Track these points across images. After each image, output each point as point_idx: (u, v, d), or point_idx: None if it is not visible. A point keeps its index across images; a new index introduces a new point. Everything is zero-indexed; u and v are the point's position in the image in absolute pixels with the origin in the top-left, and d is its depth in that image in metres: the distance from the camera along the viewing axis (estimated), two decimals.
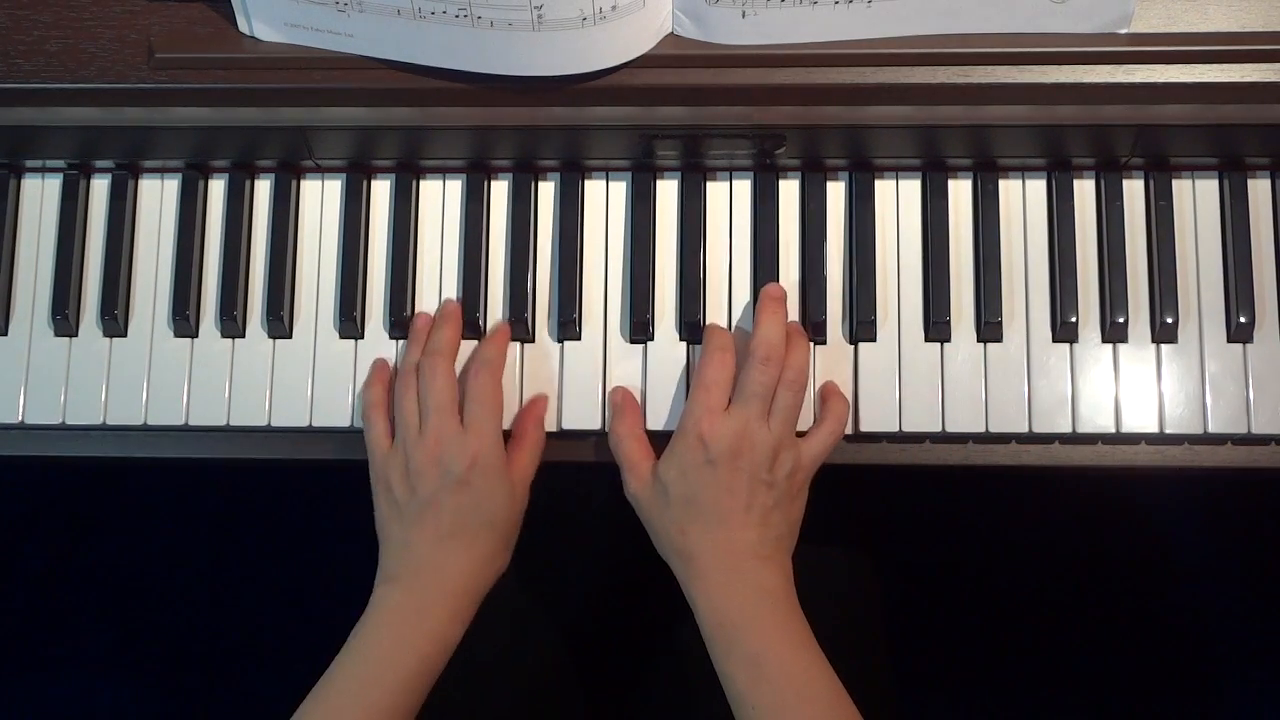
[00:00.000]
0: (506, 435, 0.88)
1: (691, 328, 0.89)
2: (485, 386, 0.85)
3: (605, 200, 0.92)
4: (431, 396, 0.85)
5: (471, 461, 0.83)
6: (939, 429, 0.88)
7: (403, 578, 0.84)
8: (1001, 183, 0.90)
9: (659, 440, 0.87)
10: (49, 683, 1.53)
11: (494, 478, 0.84)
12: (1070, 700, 1.49)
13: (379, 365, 0.90)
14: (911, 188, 0.91)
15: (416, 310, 0.91)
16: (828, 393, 0.88)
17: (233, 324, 0.91)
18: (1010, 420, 0.88)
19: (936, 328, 0.88)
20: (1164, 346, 0.88)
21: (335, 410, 0.90)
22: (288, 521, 1.54)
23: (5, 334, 0.92)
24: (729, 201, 0.91)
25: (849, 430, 0.88)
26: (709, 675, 0.81)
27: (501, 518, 0.85)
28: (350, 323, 0.91)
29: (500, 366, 0.88)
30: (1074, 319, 0.88)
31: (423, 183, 0.93)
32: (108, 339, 0.92)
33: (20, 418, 0.91)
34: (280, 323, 0.91)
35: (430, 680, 0.83)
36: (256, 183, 0.93)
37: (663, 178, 0.91)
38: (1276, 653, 1.50)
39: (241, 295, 0.91)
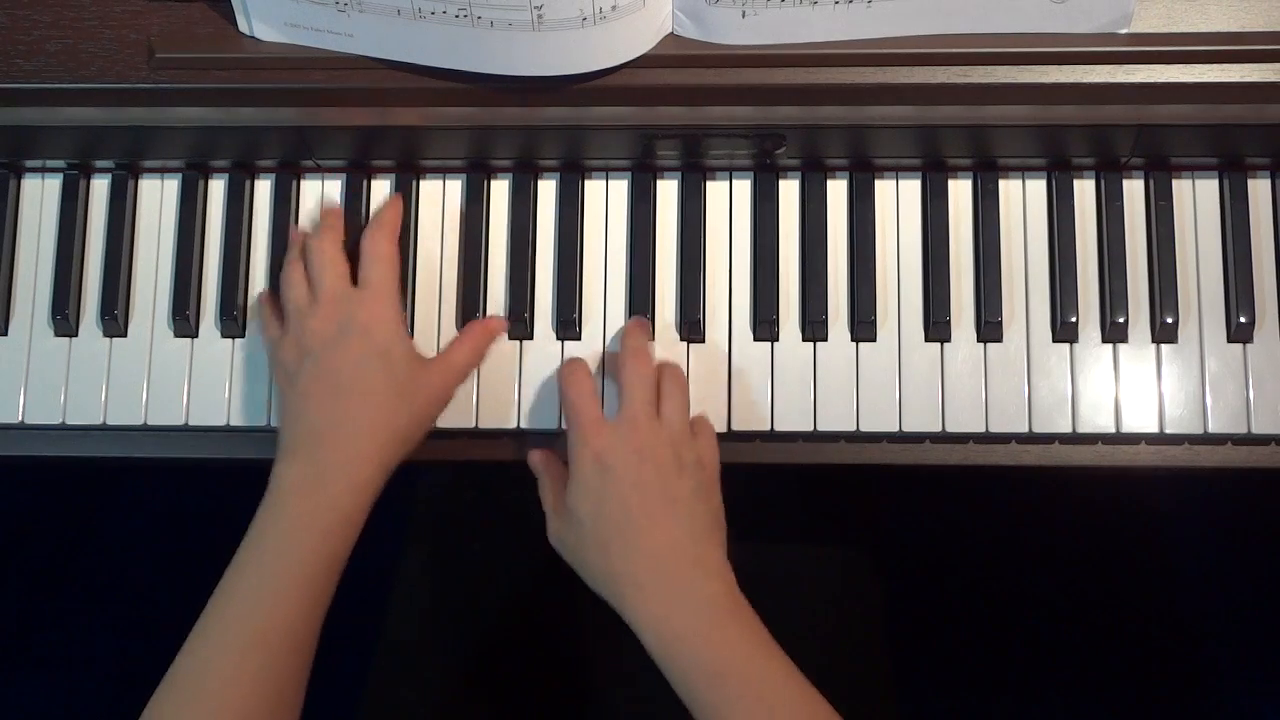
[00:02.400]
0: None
1: (691, 327, 0.89)
2: (381, 244, 0.83)
3: (605, 200, 0.92)
4: (317, 263, 0.83)
5: (369, 318, 0.80)
6: (939, 429, 0.88)
7: (298, 449, 0.79)
8: (1001, 183, 0.90)
9: None
10: (49, 683, 1.53)
11: (394, 334, 0.81)
12: (1070, 700, 1.49)
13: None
14: (911, 188, 0.91)
15: (417, 310, 0.91)
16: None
17: (233, 324, 0.91)
18: (1010, 420, 0.88)
19: (936, 328, 0.88)
20: (1164, 346, 0.88)
21: None
22: None
23: (5, 334, 0.92)
24: (729, 201, 0.91)
25: (849, 429, 0.88)
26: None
27: (405, 380, 0.80)
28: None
29: (396, 227, 0.87)
30: (1074, 319, 0.88)
31: (423, 183, 0.93)
32: (108, 339, 0.92)
33: (20, 418, 0.91)
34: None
35: (340, 559, 0.77)
36: (256, 183, 0.93)
37: (663, 178, 0.91)
38: (1276, 653, 1.50)
39: (242, 295, 0.91)
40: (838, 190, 0.91)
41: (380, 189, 0.92)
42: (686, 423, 0.82)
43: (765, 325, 0.89)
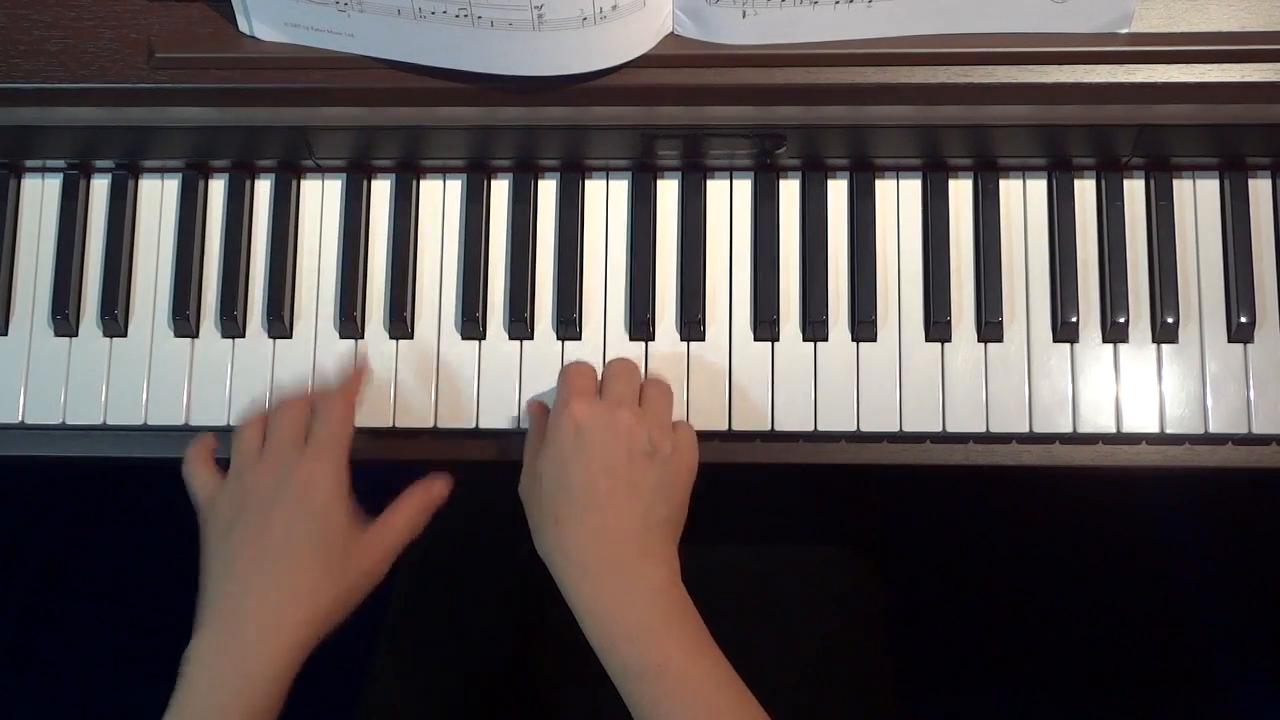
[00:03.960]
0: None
1: (692, 327, 0.89)
2: (335, 404, 0.81)
3: (605, 200, 0.92)
4: (274, 423, 0.80)
5: (308, 477, 0.77)
6: (939, 429, 0.88)
7: (220, 617, 0.75)
8: (1002, 183, 0.90)
9: None
10: (49, 683, 1.53)
11: (332, 500, 0.77)
12: (1070, 700, 1.49)
13: (202, 439, 0.86)
14: (912, 188, 0.91)
15: (417, 310, 0.91)
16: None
17: (233, 324, 0.91)
18: (1011, 420, 0.88)
19: (937, 327, 0.88)
20: (1164, 346, 0.88)
21: None
22: None
23: (5, 334, 0.92)
24: (729, 201, 0.91)
25: (850, 429, 0.88)
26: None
27: (336, 550, 0.77)
28: (350, 323, 0.91)
29: (354, 394, 0.85)
30: (1074, 319, 0.88)
31: (423, 183, 0.93)
32: (108, 339, 0.91)
33: (20, 418, 0.91)
34: (281, 323, 0.91)
35: None
36: (256, 183, 0.93)
37: (663, 178, 0.91)
38: (1276, 653, 1.50)
39: (242, 295, 0.91)
40: (838, 190, 0.91)
41: (380, 189, 0.92)
42: (668, 416, 0.83)
43: (766, 325, 0.89)
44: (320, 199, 0.93)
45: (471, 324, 0.90)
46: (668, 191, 0.91)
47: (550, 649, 1.02)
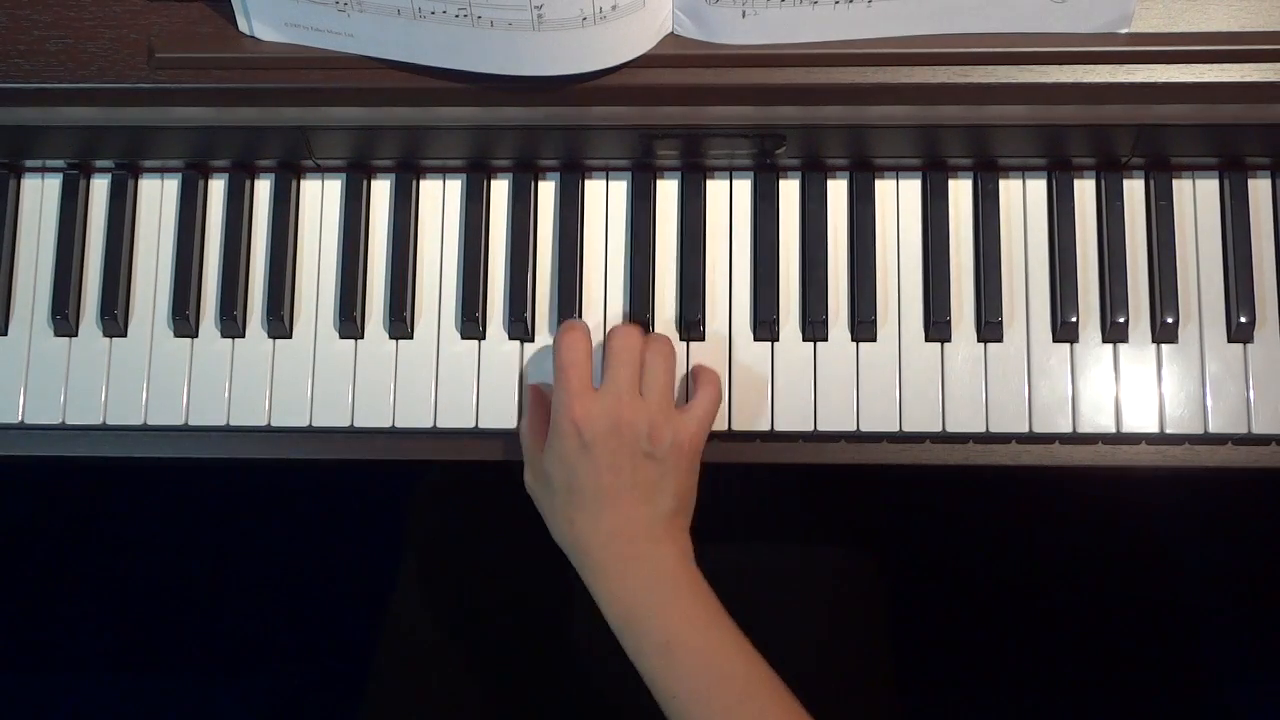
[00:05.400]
0: None
1: (691, 327, 0.89)
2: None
3: (605, 200, 0.92)
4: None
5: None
6: (939, 429, 0.88)
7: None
8: (1002, 183, 0.90)
9: None
10: (49, 683, 1.53)
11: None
12: (1070, 700, 1.49)
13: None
14: (912, 188, 0.91)
15: (417, 310, 0.91)
16: (698, 369, 0.87)
17: (233, 324, 0.91)
18: (1010, 420, 0.88)
19: (937, 327, 0.88)
20: (1164, 346, 0.88)
21: (335, 410, 0.90)
22: (288, 521, 1.54)
23: (5, 334, 0.92)
24: (729, 201, 0.91)
25: (850, 429, 0.88)
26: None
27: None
28: (350, 323, 0.91)
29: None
30: (1074, 319, 0.88)
31: (423, 183, 0.93)
32: (108, 339, 0.91)
33: (20, 418, 0.91)
34: (280, 322, 0.91)
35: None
36: (256, 183, 0.93)
37: (663, 178, 0.91)
38: (1276, 652, 1.50)
39: (241, 295, 0.91)
40: (838, 190, 0.91)
41: (380, 189, 0.92)
42: (669, 398, 0.83)
43: (765, 325, 0.89)
44: (320, 199, 0.93)
45: (471, 324, 0.90)
46: (668, 191, 0.91)
47: (550, 644, 1.03)
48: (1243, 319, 0.87)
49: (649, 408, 0.82)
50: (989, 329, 0.88)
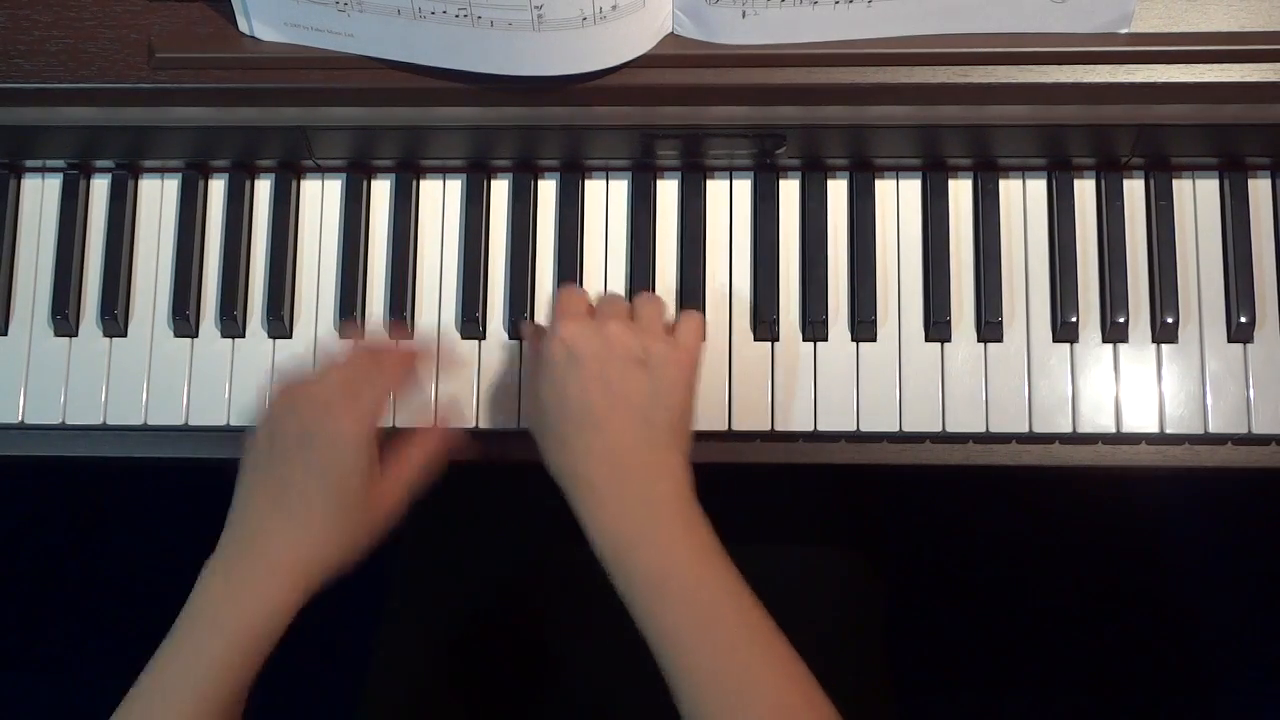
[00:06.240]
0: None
1: None
2: (384, 369, 0.81)
3: (605, 200, 0.92)
4: (328, 375, 0.80)
5: (335, 433, 0.77)
6: (939, 429, 0.88)
7: (226, 550, 0.79)
8: (1002, 182, 0.90)
9: None
10: (49, 683, 1.53)
11: (354, 457, 0.78)
12: (1070, 700, 1.49)
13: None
14: (912, 188, 0.91)
15: (417, 310, 0.91)
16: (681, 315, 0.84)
17: (233, 324, 0.91)
18: (1010, 420, 0.88)
19: (937, 327, 0.88)
20: (1164, 346, 0.88)
21: None
22: None
23: (5, 334, 0.92)
24: (729, 201, 0.91)
25: (850, 429, 0.88)
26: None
27: (350, 502, 0.78)
28: (350, 323, 0.91)
29: (406, 357, 0.84)
30: (1074, 319, 0.88)
31: (423, 183, 0.93)
32: (108, 339, 0.92)
33: (20, 418, 0.91)
34: (280, 323, 0.91)
35: (254, 662, 0.76)
36: (256, 183, 0.93)
37: (663, 178, 0.91)
38: (1276, 653, 1.50)
39: (241, 295, 0.91)
40: (838, 190, 0.91)
41: (380, 189, 0.92)
42: (660, 323, 0.81)
43: (765, 325, 0.89)
44: (320, 199, 0.93)
45: (471, 324, 0.90)
46: (668, 191, 0.92)
47: (549, 649, 1.02)
48: (1243, 319, 0.87)
49: (641, 326, 0.80)
50: (989, 329, 0.88)
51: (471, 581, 1.05)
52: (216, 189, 0.93)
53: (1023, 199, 0.90)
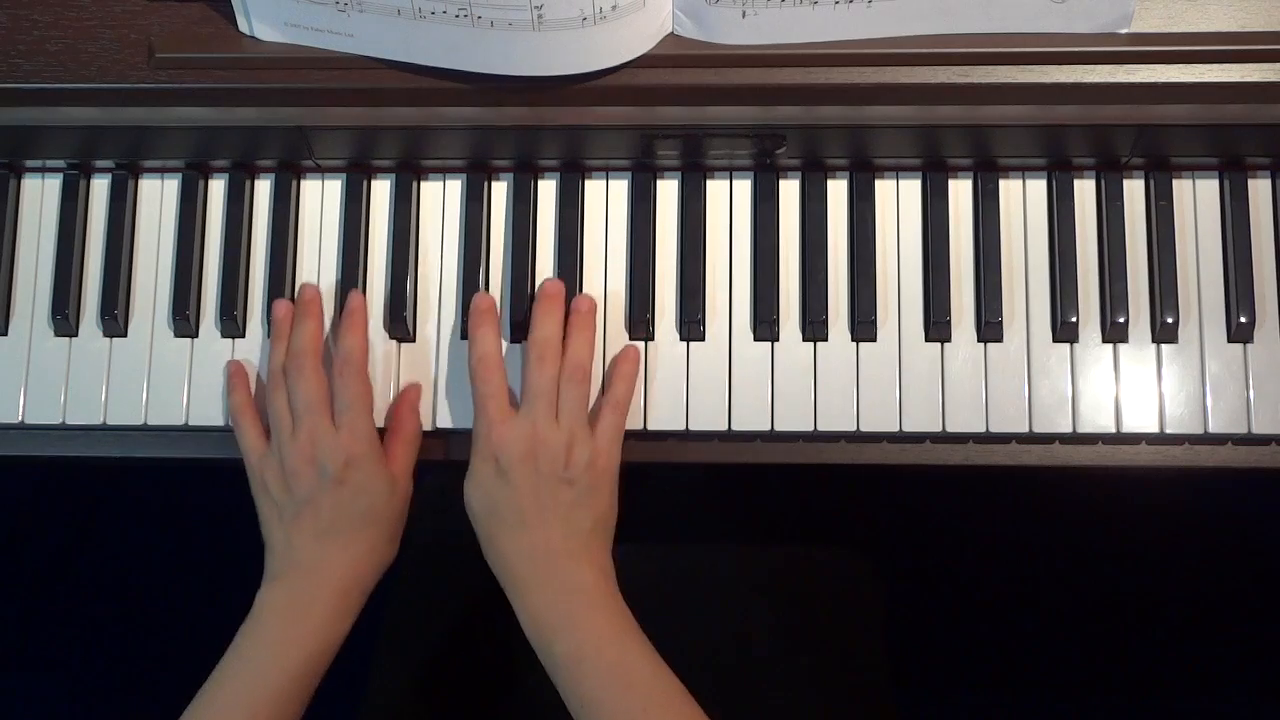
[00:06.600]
0: (383, 432, 0.88)
1: (692, 327, 0.89)
2: (351, 386, 0.85)
3: (605, 200, 0.92)
4: (300, 398, 0.85)
5: (346, 460, 0.83)
6: (939, 429, 0.88)
7: (285, 576, 0.84)
8: (1002, 183, 0.90)
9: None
10: (49, 683, 1.53)
11: (371, 473, 0.85)
12: (1070, 700, 1.49)
13: (236, 369, 0.89)
14: (912, 188, 0.91)
15: (417, 310, 0.91)
16: (611, 378, 0.87)
17: (233, 324, 0.91)
18: (1010, 420, 0.88)
19: (937, 328, 0.88)
20: (1164, 346, 0.88)
21: None
22: None
23: (5, 334, 0.92)
24: (729, 201, 0.91)
25: (850, 429, 0.88)
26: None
27: (382, 512, 0.86)
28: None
29: (363, 358, 0.87)
30: (1074, 319, 0.88)
31: (423, 183, 0.93)
32: (108, 339, 0.92)
33: (20, 418, 0.91)
34: None
35: (316, 677, 0.83)
36: (256, 183, 0.93)
37: (663, 178, 0.91)
38: (1276, 652, 1.50)
39: (242, 295, 0.91)
40: (838, 190, 0.91)
41: (380, 189, 0.92)
42: (583, 420, 0.84)
43: (765, 325, 0.89)
44: (320, 199, 0.93)
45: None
46: (668, 191, 0.91)
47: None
48: (1243, 319, 0.87)
49: (564, 432, 0.83)
50: (989, 329, 0.88)
51: (471, 586, 1.05)
52: (216, 189, 0.93)
53: (1023, 199, 0.90)
